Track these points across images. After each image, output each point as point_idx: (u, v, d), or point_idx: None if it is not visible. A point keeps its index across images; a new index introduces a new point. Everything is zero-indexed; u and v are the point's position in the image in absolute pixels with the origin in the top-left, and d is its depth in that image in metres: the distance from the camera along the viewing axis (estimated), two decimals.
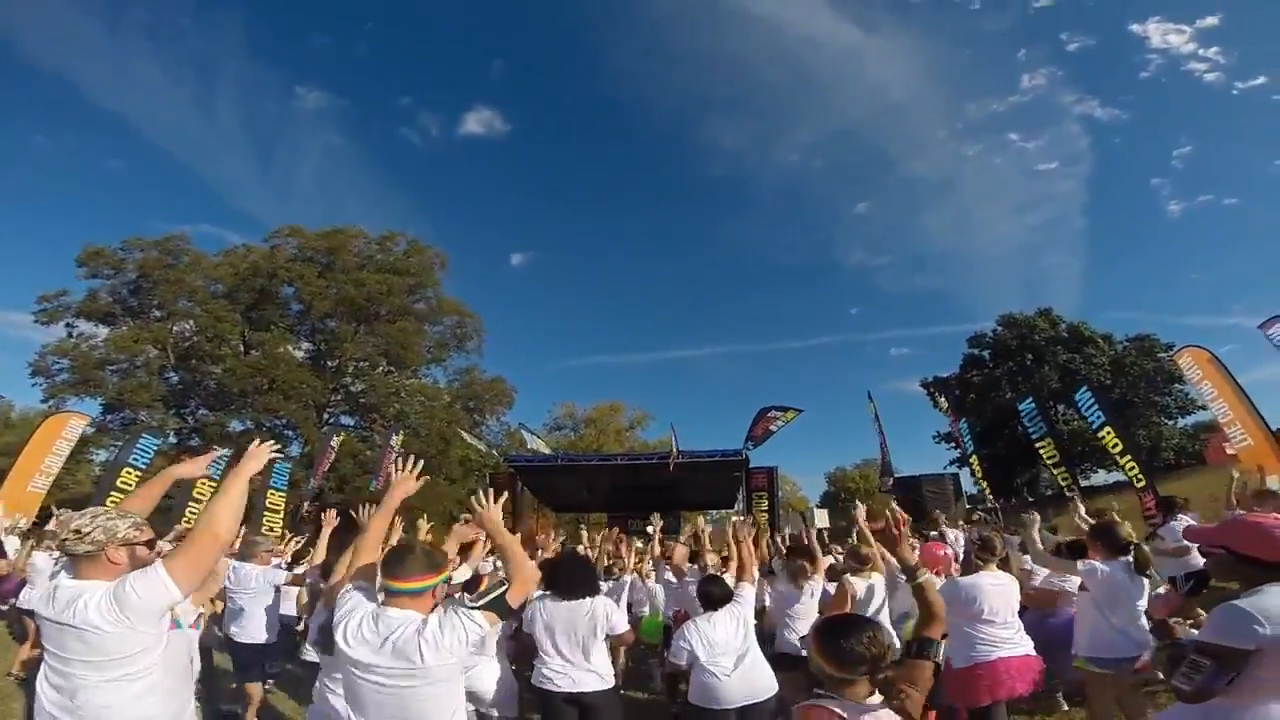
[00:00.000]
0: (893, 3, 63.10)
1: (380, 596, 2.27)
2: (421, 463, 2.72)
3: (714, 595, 3.80)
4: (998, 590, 3.76)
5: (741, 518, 6.03)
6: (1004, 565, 4.12)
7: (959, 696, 3.64)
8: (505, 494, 2.84)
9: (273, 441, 2.45)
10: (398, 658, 2.03)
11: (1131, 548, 3.89)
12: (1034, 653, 3.74)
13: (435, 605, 2.22)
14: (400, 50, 67.64)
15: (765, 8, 66.32)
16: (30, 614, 6.42)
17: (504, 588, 2.23)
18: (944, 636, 2.09)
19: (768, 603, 5.26)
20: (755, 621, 3.87)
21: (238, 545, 5.42)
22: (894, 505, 2.96)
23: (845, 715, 1.70)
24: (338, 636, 2.11)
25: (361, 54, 64.55)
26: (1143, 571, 3.89)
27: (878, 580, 4.51)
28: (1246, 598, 1.91)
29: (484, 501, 2.61)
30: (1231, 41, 53.52)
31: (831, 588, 4.89)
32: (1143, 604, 3.82)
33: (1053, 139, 61.43)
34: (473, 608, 2.14)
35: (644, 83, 73.54)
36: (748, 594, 3.82)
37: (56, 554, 6.69)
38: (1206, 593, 6.08)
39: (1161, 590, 5.23)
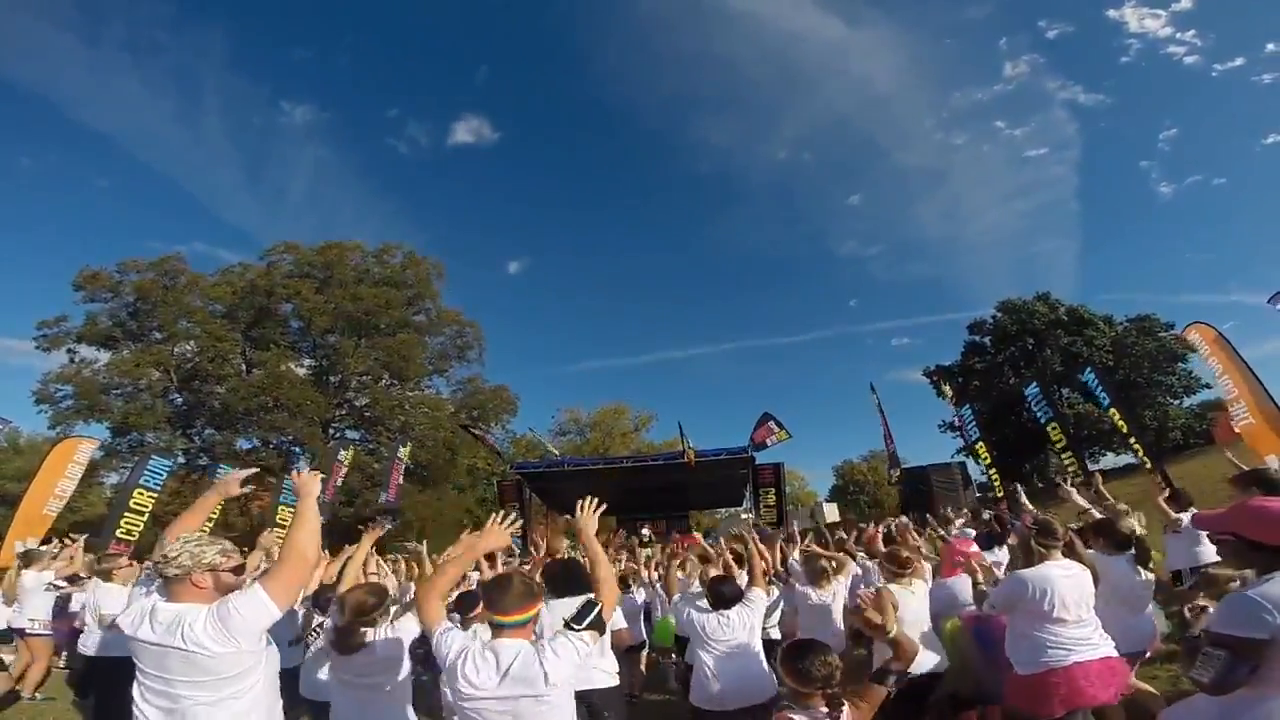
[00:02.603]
0: None
1: (483, 630, 2.37)
2: (519, 520, 2.84)
3: (724, 594, 3.80)
4: (1069, 582, 3.20)
5: (753, 522, 6.00)
6: (1070, 552, 3.47)
7: (1029, 706, 3.19)
8: (602, 504, 2.92)
9: (319, 472, 2.52)
10: (519, 684, 2.12)
11: (1133, 542, 3.89)
12: (1116, 654, 3.21)
13: (535, 632, 2.36)
14: (384, 61, 67.60)
15: (749, 4, 66.32)
16: (20, 632, 6.49)
17: (598, 606, 2.34)
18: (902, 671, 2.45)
19: (781, 605, 5.24)
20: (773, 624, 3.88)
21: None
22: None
23: None
24: (457, 679, 2.17)
25: (345, 66, 64.60)
26: (1144, 564, 3.88)
27: (919, 587, 4.01)
28: (1256, 586, 1.89)
29: (583, 511, 2.80)
30: (1207, 24, 53.79)
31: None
32: (1147, 595, 3.82)
33: (1040, 125, 61.53)
34: (578, 629, 2.26)
35: (631, 83, 73.70)
36: (758, 598, 3.82)
37: (46, 573, 6.74)
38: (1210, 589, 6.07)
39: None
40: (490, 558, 4.27)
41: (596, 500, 2.85)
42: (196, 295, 29.82)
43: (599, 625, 2.30)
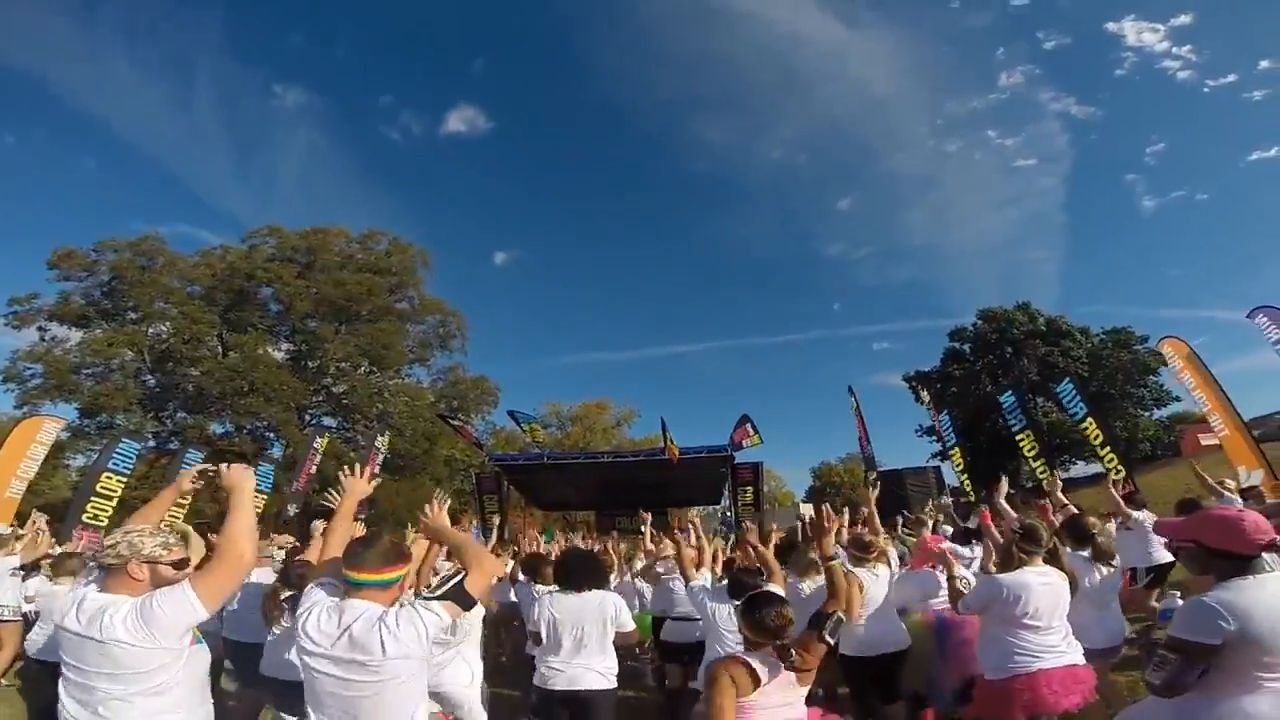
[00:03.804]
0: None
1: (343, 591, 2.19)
2: (372, 466, 2.75)
3: (744, 585, 3.76)
4: (1046, 589, 3.20)
5: (744, 523, 5.96)
6: (1052, 559, 3.42)
7: (991, 710, 3.24)
8: (447, 501, 2.90)
9: (247, 466, 2.42)
10: (355, 649, 1.97)
11: (1090, 537, 3.97)
12: (1083, 661, 3.24)
13: (398, 600, 2.17)
14: (381, 48, 67.22)
15: (750, 5, 66.74)
16: None
17: (460, 576, 2.12)
18: (837, 614, 2.50)
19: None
20: None
21: None
22: (826, 505, 3.35)
23: (753, 664, 2.32)
24: (298, 630, 2.08)
25: (341, 52, 64.21)
26: (1102, 560, 3.95)
27: (883, 571, 4.21)
28: (1214, 593, 1.96)
29: (431, 511, 2.70)
30: (1204, 40, 54.73)
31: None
32: (1110, 593, 3.90)
33: (1031, 136, 62.44)
34: (429, 598, 2.07)
35: (628, 79, 73.62)
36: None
37: (11, 558, 6.55)
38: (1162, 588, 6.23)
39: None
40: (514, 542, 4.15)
41: (443, 500, 2.81)
42: (174, 276, 29.24)
43: (459, 599, 2.07)
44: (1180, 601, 2.88)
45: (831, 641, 2.43)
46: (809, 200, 73.10)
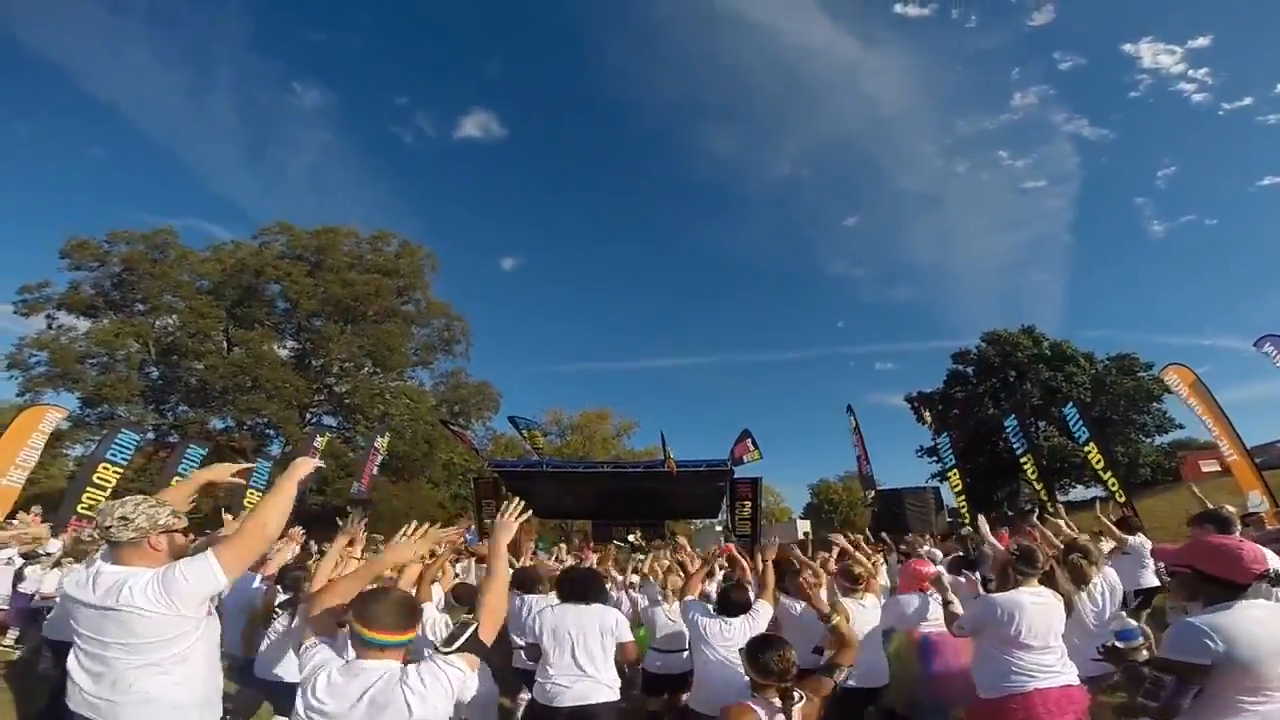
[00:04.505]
0: (893, 17, 63.98)
1: (349, 646, 2.06)
2: (527, 511, 2.51)
3: (734, 602, 3.82)
4: (1039, 609, 3.21)
5: (770, 539, 5.89)
6: (1048, 580, 3.47)
7: None
8: (527, 511, 2.58)
9: (318, 461, 2.46)
10: (377, 711, 1.83)
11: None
12: (1077, 682, 3.23)
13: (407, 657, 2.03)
14: (398, 49, 68.17)
15: (764, 16, 67.23)
16: None
17: (473, 627, 2.03)
18: (848, 671, 2.62)
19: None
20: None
21: None
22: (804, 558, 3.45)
23: (760, 712, 2.34)
24: (306, 694, 1.90)
25: (359, 51, 64.96)
26: (1081, 583, 3.96)
27: (870, 601, 4.22)
28: (1202, 615, 1.99)
29: (509, 512, 2.47)
30: (1221, 62, 54.89)
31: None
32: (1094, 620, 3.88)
33: (1041, 157, 62.70)
34: (447, 652, 1.96)
35: (639, 87, 74.32)
36: (764, 612, 3.84)
37: (6, 549, 6.59)
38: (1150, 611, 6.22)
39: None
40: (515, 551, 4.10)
41: (522, 505, 2.52)
42: (185, 270, 29.41)
43: (476, 650, 2.00)
44: (1133, 624, 2.90)
45: (838, 690, 2.54)
46: (814, 215, 73.63)
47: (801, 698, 2.40)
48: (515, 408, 56.87)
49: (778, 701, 2.38)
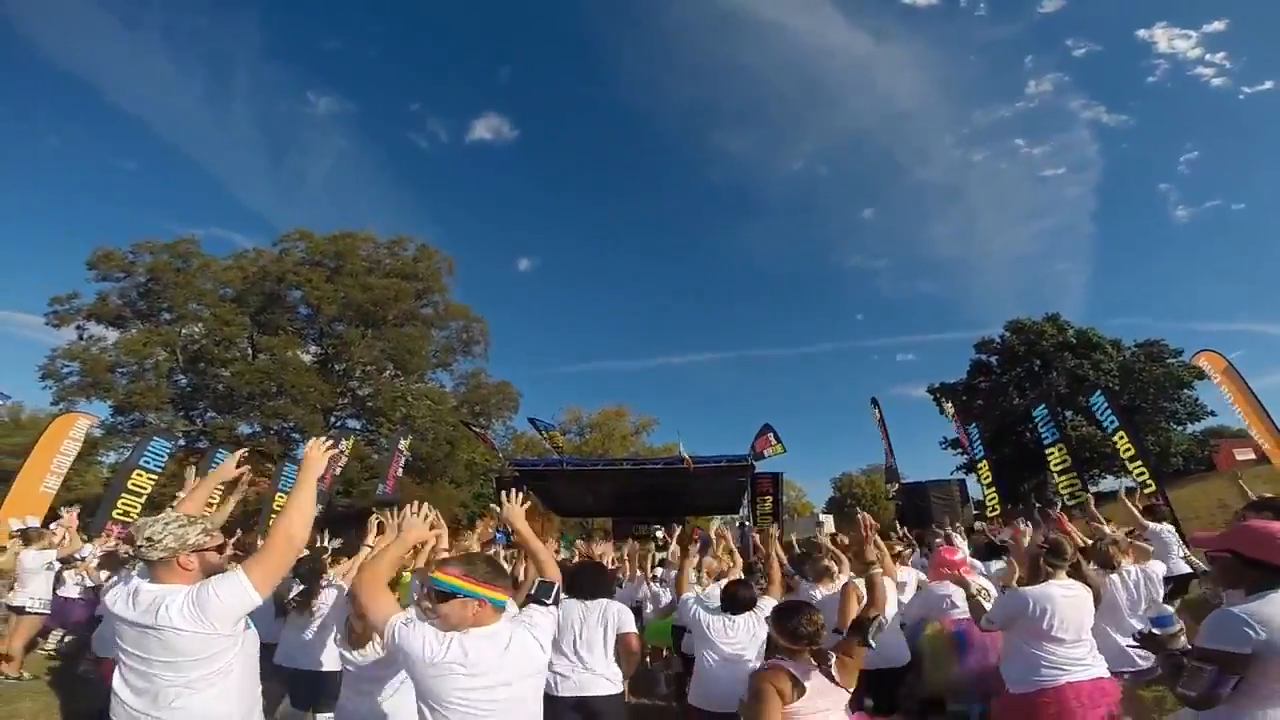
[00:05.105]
0: (903, 11, 63.31)
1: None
2: (527, 503, 2.78)
3: (737, 599, 3.79)
4: (1070, 602, 3.19)
5: (768, 528, 5.88)
6: (1076, 572, 3.47)
7: None
8: (527, 501, 2.86)
9: (329, 441, 2.46)
10: (521, 662, 2.06)
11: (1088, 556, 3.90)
12: (1108, 674, 3.21)
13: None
14: (411, 56, 68.72)
15: (777, 15, 66.75)
16: (20, 610, 6.52)
17: (559, 584, 2.38)
18: (879, 620, 2.57)
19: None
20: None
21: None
22: (865, 515, 3.59)
23: (794, 672, 2.36)
24: (451, 669, 1.91)
25: (373, 59, 65.60)
26: (1109, 568, 3.97)
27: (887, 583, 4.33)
28: (1242, 604, 1.95)
29: (508, 500, 2.72)
30: (1238, 46, 53.53)
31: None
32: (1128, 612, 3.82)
33: (1060, 145, 61.58)
34: (548, 604, 2.29)
35: (653, 89, 74.10)
36: (768, 608, 3.80)
37: (46, 552, 6.75)
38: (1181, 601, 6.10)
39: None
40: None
41: (522, 494, 2.77)
42: (208, 278, 29.98)
43: (558, 601, 2.36)
44: (1168, 609, 2.87)
45: (874, 645, 2.50)
46: (832, 212, 72.99)
47: (833, 657, 2.42)
48: (533, 408, 57.30)
49: (814, 660, 2.40)
